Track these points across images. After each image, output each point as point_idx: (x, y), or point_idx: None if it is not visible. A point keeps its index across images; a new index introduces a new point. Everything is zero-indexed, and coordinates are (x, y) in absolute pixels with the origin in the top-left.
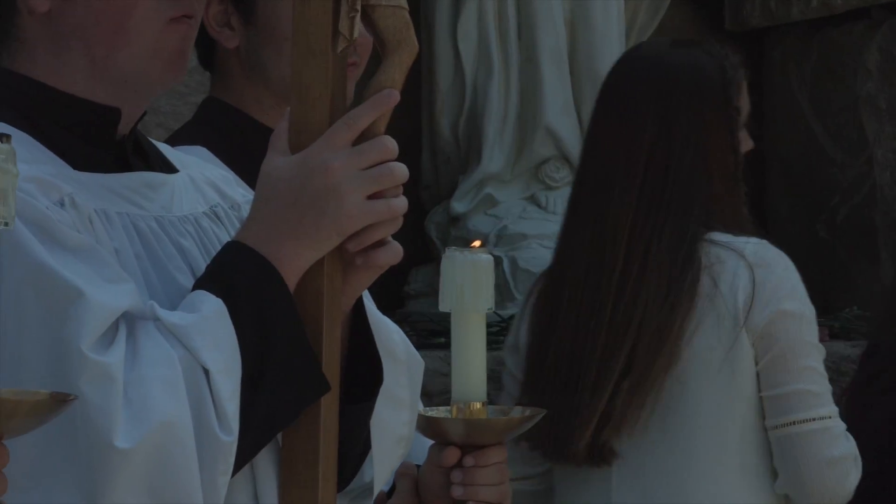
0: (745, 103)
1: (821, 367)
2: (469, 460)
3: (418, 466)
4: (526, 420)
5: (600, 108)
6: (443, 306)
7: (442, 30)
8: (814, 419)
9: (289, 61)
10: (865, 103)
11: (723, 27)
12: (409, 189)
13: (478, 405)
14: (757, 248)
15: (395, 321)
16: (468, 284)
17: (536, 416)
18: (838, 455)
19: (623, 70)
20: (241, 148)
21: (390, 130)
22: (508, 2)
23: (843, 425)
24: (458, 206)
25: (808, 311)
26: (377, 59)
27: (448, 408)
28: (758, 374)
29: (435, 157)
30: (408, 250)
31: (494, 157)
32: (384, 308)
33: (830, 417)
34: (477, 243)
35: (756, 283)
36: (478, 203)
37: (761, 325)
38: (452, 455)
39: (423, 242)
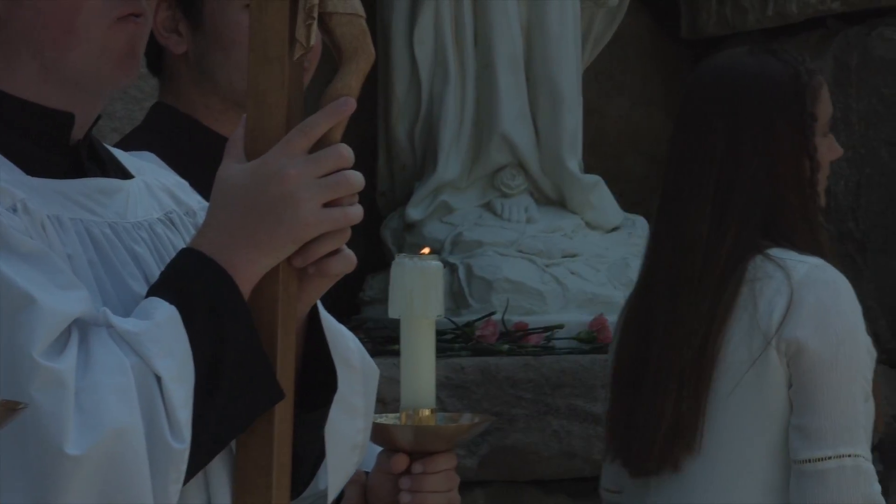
0: (823, 109)
1: (854, 399)
2: (418, 467)
3: (367, 473)
4: (474, 427)
5: (678, 119)
6: (392, 313)
7: (398, 36)
8: (829, 457)
9: (237, 67)
10: None
11: (679, 35)
12: (366, 195)
13: (427, 412)
14: (809, 269)
15: (350, 328)
16: (417, 291)
17: (484, 423)
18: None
19: (696, 80)
20: (190, 153)
21: (346, 136)
22: (465, 9)
23: (864, 465)
24: (413, 212)
25: (848, 339)
26: (332, 65)
27: (397, 414)
28: (790, 397)
29: (391, 164)
30: (363, 257)
31: (450, 164)
32: (339, 314)
33: (850, 456)
34: (426, 250)
35: (793, 303)
36: (433, 210)
37: (793, 347)
38: (401, 462)
39: (379, 249)
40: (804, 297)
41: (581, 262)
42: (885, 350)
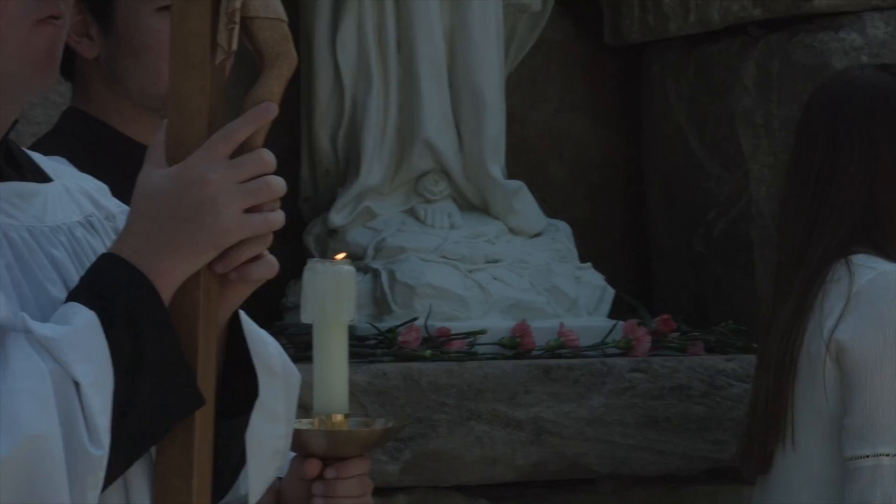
0: None
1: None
2: (330, 472)
3: (280, 479)
4: (387, 432)
5: (796, 131)
6: (305, 318)
7: (321, 42)
8: (867, 456)
9: (148, 71)
10: (742, 119)
11: (602, 41)
12: (289, 201)
13: (339, 417)
14: (875, 276)
15: (273, 334)
16: (330, 296)
17: (398, 430)
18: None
19: (810, 97)
20: (102, 157)
21: (269, 142)
22: (388, 15)
23: None
24: (336, 218)
25: None
26: (254, 70)
27: (310, 419)
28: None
29: (314, 170)
30: (286, 263)
31: (373, 170)
32: (261, 320)
33: (889, 455)
34: (340, 255)
35: (848, 307)
36: (356, 216)
37: (842, 347)
38: (313, 467)
39: (302, 255)
40: (861, 301)
41: (504, 268)
42: None
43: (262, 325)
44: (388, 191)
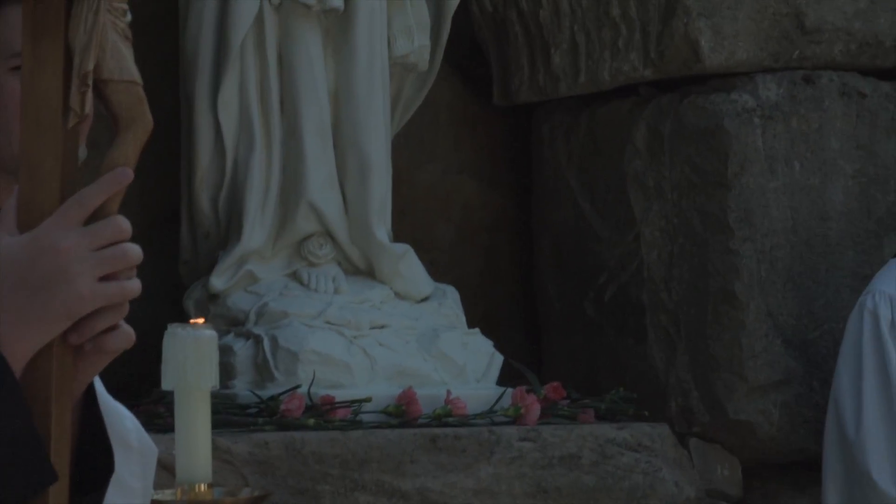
0: None
1: None
2: None
3: None
4: (252, 501)
5: None
6: (165, 385)
7: (202, 101)
8: None
9: (1, 131)
10: (633, 181)
11: (491, 101)
12: (169, 264)
13: (203, 487)
14: None
15: (152, 402)
16: (191, 361)
17: (263, 498)
18: None
19: None
20: None
21: (149, 202)
22: (271, 73)
23: None
24: (217, 282)
25: None
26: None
27: (173, 490)
28: None
29: (194, 232)
30: (165, 328)
31: (255, 233)
32: (139, 387)
33: None
34: (200, 319)
35: None
36: (238, 280)
37: None
38: None
39: (182, 319)
40: None
41: (390, 333)
42: (698, 423)
43: (137, 393)
44: (270, 254)
